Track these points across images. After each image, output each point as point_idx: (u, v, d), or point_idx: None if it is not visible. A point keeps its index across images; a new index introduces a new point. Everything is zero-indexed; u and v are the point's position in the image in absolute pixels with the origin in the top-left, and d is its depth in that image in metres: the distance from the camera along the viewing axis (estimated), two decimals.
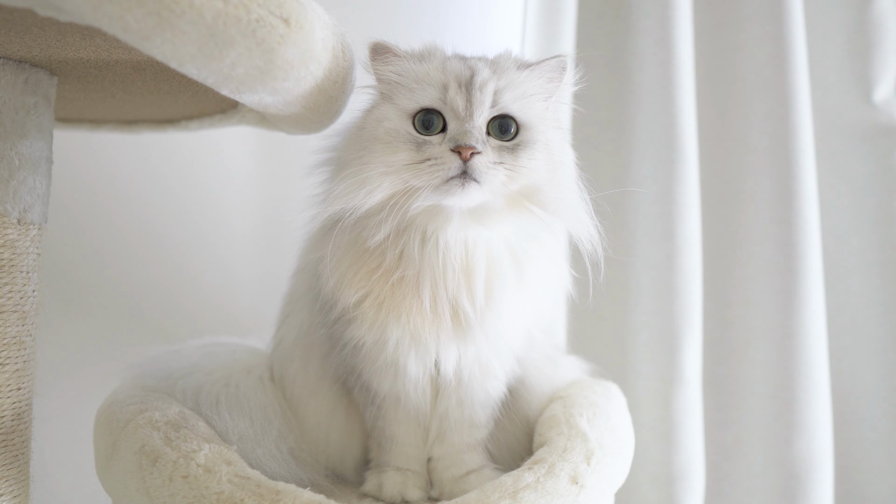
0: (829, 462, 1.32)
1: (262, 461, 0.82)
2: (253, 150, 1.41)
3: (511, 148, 0.76)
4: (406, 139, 0.76)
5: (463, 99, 0.76)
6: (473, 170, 0.73)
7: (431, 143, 0.75)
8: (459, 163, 0.73)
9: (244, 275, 1.41)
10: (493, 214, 0.77)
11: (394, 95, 0.79)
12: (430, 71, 0.78)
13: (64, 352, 1.28)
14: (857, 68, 1.36)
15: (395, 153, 0.75)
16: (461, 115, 0.75)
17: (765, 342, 1.34)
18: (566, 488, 0.77)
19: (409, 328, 0.79)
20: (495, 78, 0.77)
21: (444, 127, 0.76)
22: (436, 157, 0.74)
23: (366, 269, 0.79)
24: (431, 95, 0.77)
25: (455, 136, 0.74)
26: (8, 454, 0.82)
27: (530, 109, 0.79)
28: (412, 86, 0.78)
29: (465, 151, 0.73)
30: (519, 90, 0.78)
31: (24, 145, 0.81)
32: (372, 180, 0.75)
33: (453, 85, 0.76)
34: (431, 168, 0.74)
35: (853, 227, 1.38)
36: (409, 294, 0.79)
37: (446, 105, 0.76)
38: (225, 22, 0.57)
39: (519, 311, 0.82)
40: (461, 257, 0.78)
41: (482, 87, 0.76)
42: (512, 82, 0.78)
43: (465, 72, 0.77)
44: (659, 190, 1.34)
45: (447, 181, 0.73)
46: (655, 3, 1.34)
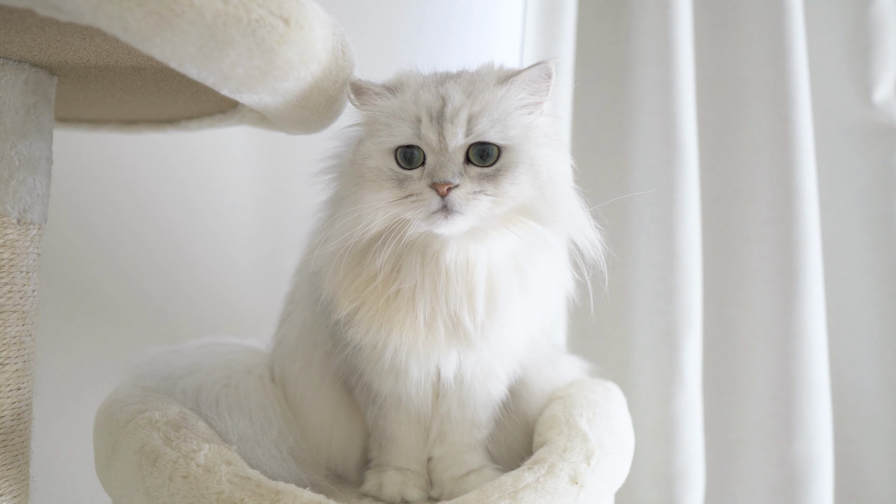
0: (829, 462, 1.32)
1: (262, 461, 0.82)
2: (253, 150, 1.41)
3: (492, 174, 0.75)
4: (389, 176, 0.76)
5: (435, 133, 0.75)
6: (452, 203, 0.73)
7: (412, 179, 0.75)
8: (438, 198, 0.73)
9: (244, 275, 1.41)
10: (489, 232, 0.77)
11: (375, 132, 0.78)
12: (403, 104, 0.77)
13: (64, 352, 1.28)
14: (857, 68, 1.36)
15: (380, 191, 0.76)
16: (436, 149, 0.75)
17: (765, 342, 1.34)
18: (566, 488, 0.77)
19: (403, 341, 0.79)
20: (469, 103, 0.75)
21: (424, 159, 0.76)
22: (417, 193, 0.74)
23: (360, 280, 0.79)
24: (406, 132, 0.76)
25: (432, 172, 0.74)
26: (8, 454, 0.82)
27: (512, 129, 0.76)
28: (389, 122, 0.77)
29: (440, 188, 0.73)
30: (498, 110, 0.76)
31: (24, 145, 0.81)
32: (365, 217, 0.76)
33: (425, 118, 0.75)
34: (414, 204, 0.74)
35: (853, 227, 1.38)
36: (403, 308, 0.78)
37: (421, 139, 0.75)
38: (225, 22, 0.57)
39: (523, 319, 0.82)
40: (463, 274, 0.78)
41: (453, 117, 0.74)
42: (489, 104, 0.76)
43: (436, 103, 0.75)
44: (659, 190, 1.34)
45: (431, 214, 0.73)
46: (655, 3, 1.34)
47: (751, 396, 1.35)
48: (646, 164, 1.36)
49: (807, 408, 1.31)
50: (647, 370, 1.36)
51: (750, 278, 1.36)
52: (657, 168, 1.34)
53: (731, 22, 1.38)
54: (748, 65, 1.36)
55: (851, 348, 1.38)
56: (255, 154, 1.41)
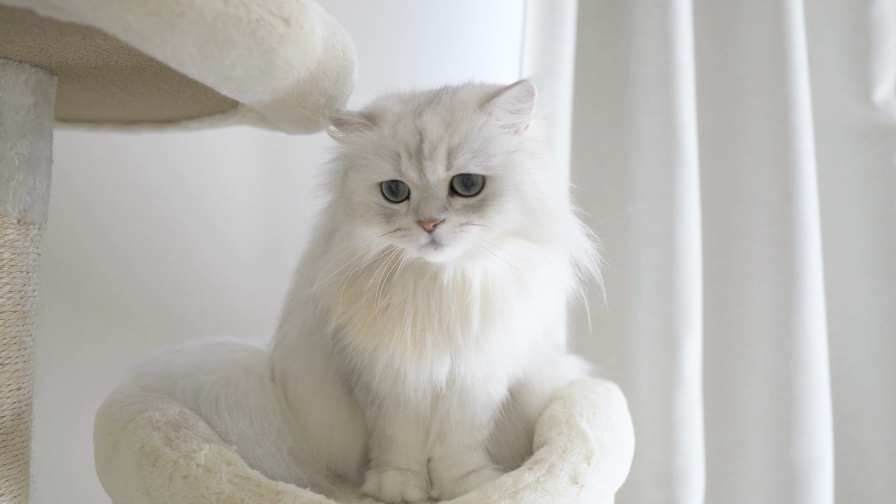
0: (829, 462, 1.32)
1: (262, 461, 0.82)
2: (253, 150, 1.41)
3: (476, 205, 0.74)
4: (376, 211, 0.76)
5: (415, 170, 0.74)
6: (440, 238, 0.73)
7: (399, 214, 0.75)
8: (426, 234, 0.73)
9: (244, 275, 1.41)
10: (483, 253, 0.76)
11: (358, 166, 0.78)
12: (382, 140, 0.76)
13: (64, 352, 1.28)
14: (857, 68, 1.36)
15: (370, 226, 0.76)
16: (417, 185, 0.74)
17: (765, 342, 1.34)
18: (566, 488, 0.77)
19: (392, 352, 0.79)
20: (447, 135, 0.73)
21: (409, 192, 0.75)
22: (405, 228, 0.74)
23: (352, 291, 0.79)
24: (386, 169, 0.75)
25: (416, 208, 0.73)
26: (8, 454, 0.82)
27: (494, 157, 0.74)
28: (370, 157, 0.76)
29: (426, 225, 0.73)
30: (479, 139, 0.74)
31: (24, 145, 0.81)
32: (359, 249, 0.78)
33: (404, 155, 0.74)
34: (404, 238, 0.74)
35: (853, 227, 1.38)
36: (391, 323, 0.78)
37: (402, 175, 0.75)
38: (225, 22, 0.57)
39: (524, 326, 0.82)
40: (459, 292, 0.78)
41: (432, 153, 0.73)
42: (468, 134, 0.74)
43: (413, 139, 0.74)
44: (659, 190, 1.34)
45: (422, 248, 0.74)
46: (655, 3, 1.34)
47: (751, 396, 1.35)
48: (646, 164, 1.35)
49: (807, 408, 1.31)
50: (647, 370, 1.36)
51: (750, 278, 1.36)
52: (657, 168, 1.34)
53: (731, 22, 1.38)
54: (748, 65, 1.36)
55: (851, 348, 1.38)
56: (255, 154, 1.41)
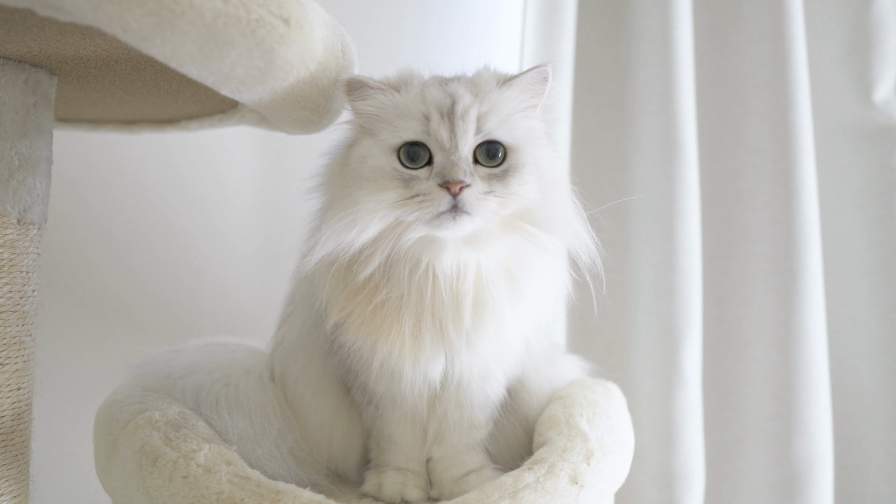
0: (829, 462, 1.32)
1: (262, 461, 0.82)
2: (253, 151, 1.41)
3: (500, 175, 0.74)
4: (392, 176, 0.74)
5: (447, 130, 0.73)
6: (464, 203, 0.71)
7: (419, 179, 0.73)
8: (449, 198, 0.71)
9: (244, 275, 1.41)
10: (488, 238, 0.76)
11: (375, 130, 0.76)
12: (409, 102, 0.75)
13: (64, 352, 1.28)
14: (857, 68, 1.36)
15: (383, 191, 0.73)
16: (446, 147, 0.73)
17: (765, 342, 1.34)
18: (566, 488, 0.77)
19: (390, 349, 0.79)
20: (477, 102, 0.74)
21: (430, 159, 0.74)
22: (424, 192, 0.72)
23: (350, 289, 0.79)
24: (414, 128, 0.74)
25: (442, 171, 0.72)
26: (8, 454, 0.82)
27: (517, 130, 0.76)
28: (393, 119, 0.75)
29: (453, 187, 0.71)
30: (503, 111, 0.76)
31: (24, 145, 0.81)
32: (361, 219, 0.73)
33: (435, 115, 0.74)
34: (421, 204, 0.72)
35: (853, 227, 1.38)
36: (390, 318, 0.78)
37: (430, 137, 0.74)
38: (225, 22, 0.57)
39: (516, 324, 0.81)
40: (452, 283, 0.77)
41: (464, 114, 0.73)
42: (495, 104, 0.75)
43: (446, 100, 0.74)
44: (659, 190, 1.34)
45: (438, 216, 0.72)
46: (655, 3, 1.34)
47: (751, 396, 1.35)
48: (646, 164, 1.35)
49: (807, 408, 1.31)
50: (647, 370, 1.36)
51: (750, 278, 1.36)
52: (657, 168, 1.34)
53: (731, 22, 1.38)
54: (748, 65, 1.36)
55: (851, 348, 1.38)
56: (255, 154, 1.42)
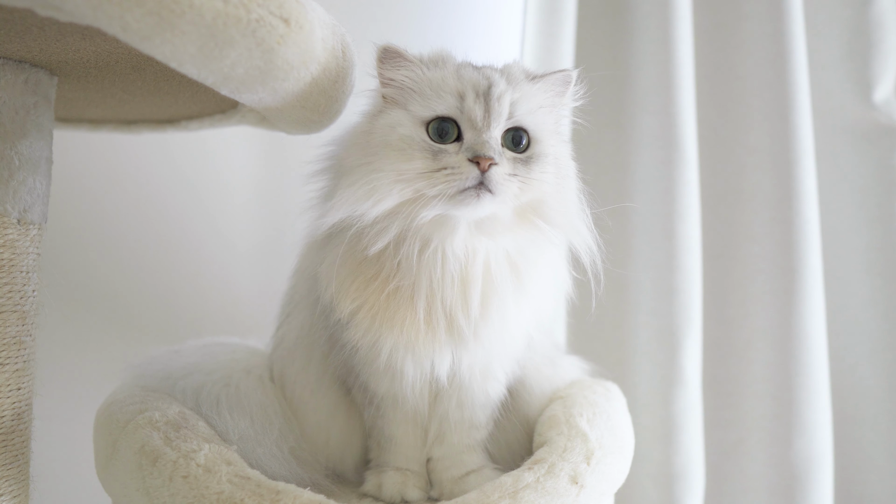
0: (829, 462, 1.32)
1: (263, 461, 0.82)
2: (253, 150, 1.41)
3: (524, 160, 0.77)
4: (421, 147, 0.75)
5: (481, 109, 0.75)
6: (490, 180, 0.73)
7: (447, 152, 0.74)
8: (477, 173, 0.72)
9: (244, 275, 1.41)
10: (498, 226, 0.77)
11: (406, 101, 0.78)
12: (445, 78, 0.77)
13: (64, 352, 1.28)
14: (857, 68, 1.36)
15: (410, 161, 0.74)
16: (479, 126, 0.75)
17: (765, 342, 1.34)
18: (566, 488, 0.77)
19: (403, 338, 0.79)
20: (510, 89, 0.77)
21: (458, 136, 0.75)
22: (453, 166, 0.73)
23: (362, 278, 0.79)
24: (448, 103, 0.76)
25: (473, 146, 0.73)
26: (8, 454, 0.82)
27: (541, 122, 0.79)
28: (427, 92, 0.77)
29: (483, 162, 0.72)
30: (531, 103, 0.79)
31: (24, 145, 0.81)
32: (382, 188, 0.74)
33: (471, 94, 0.76)
34: (448, 177, 0.73)
35: (853, 227, 1.38)
36: (404, 305, 0.78)
37: (463, 114, 0.75)
38: (225, 22, 0.57)
39: (518, 318, 0.82)
40: (460, 268, 0.78)
41: (500, 97, 0.76)
42: (524, 95, 0.78)
43: (483, 81, 0.77)
44: (659, 190, 1.34)
45: (462, 191, 0.73)
46: (655, 3, 1.34)
47: (751, 396, 1.35)
48: (646, 164, 1.36)
49: (807, 408, 1.31)
50: (647, 370, 1.36)
51: (750, 278, 1.36)
52: (657, 168, 1.34)
53: (731, 22, 1.38)
54: (748, 65, 1.36)
55: (851, 348, 1.38)
56: (254, 154, 1.42)
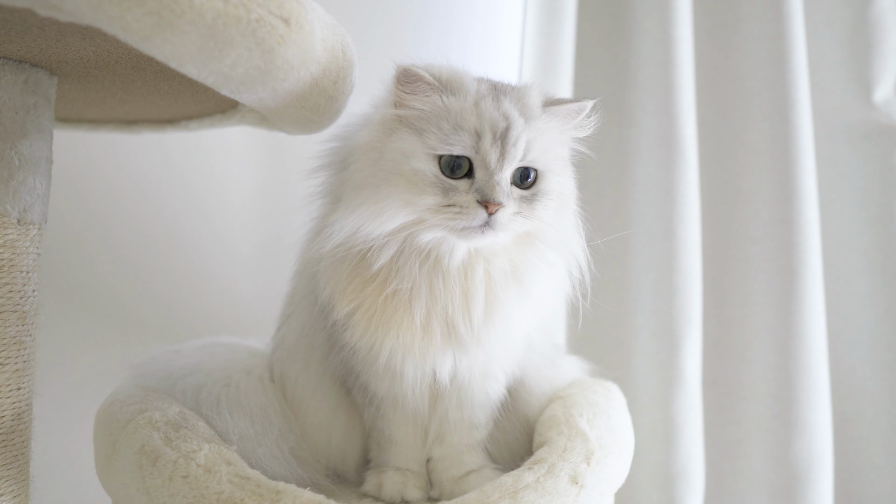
0: (829, 462, 1.32)
1: (263, 461, 0.82)
2: (253, 151, 1.41)
3: (529, 197, 0.77)
4: (433, 183, 0.74)
5: (497, 152, 0.74)
6: (496, 222, 0.74)
7: (458, 190, 0.74)
8: (485, 215, 0.73)
9: (244, 275, 1.41)
10: (497, 248, 0.79)
11: (423, 130, 0.75)
12: (463, 112, 0.75)
13: (64, 352, 1.28)
14: (857, 68, 1.36)
15: (421, 196, 0.74)
16: (491, 168, 0.74)
17: (765, 342, 1.34)
18: (566, 488, 0.77)
19: (400, 342, 0.79)
20: (527, 129, 0.76)
21: (469, 171, 0.75)
22: (462, 205, 0.73)
23: (359, 280, 0.79)
24: (465, 143, 0.74)
25: (483, 189, 0.73)
26: (8, 454, 0.82)
27: (550, 155, 0.79)
28: (444, 126, 0.75)
29: (491, 207, 0.73)
30: (544, 139, 0.78)
31: (24, 145, 0.81)
32: (388, 211, 0.75)
33: (488, 136, 0.74)
34: (457, 215, 0.73)
35: (853, 227, 1.38)
36: (401, 309, 0.78)
37: (478, 154, 0.75)
38: (225, 22, 0.57)
39: (521, 323, 0.83)
40: (461, 279, 0.78)
41: (516, 141, 0.75)
42: (539, 131, 0.77)
43: (501, 122, 0.75)
44: (659, 190, 1.34)
45: (468, 228, 0.74)
46: (655, 3, 1.34)
47: (751, 396, 1.35)
48: (646, 164, 1.36)
49: (807, 408, 1.31)
50: (647, 370, 1.36)
51: (750, 278, 1.36)
52: (657, 168, 1.34)
53: (731, 22, 1.38)
54: (748, 65, 1.36)
55: (851, 348, 1.38)
56: (254, 155, 1.42)
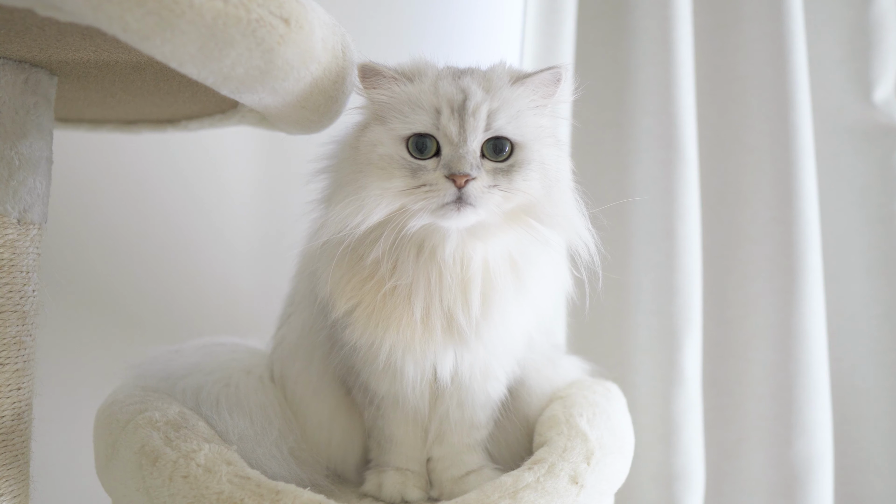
0: (829, 462, 1.32)
1: (263, 461, 0.82)
2: (253, 151, 1.41)
3: (505, 169, 0.76)
4: (401, 165, 0.75)
5: (456, 125, 0.75)
6: (468, 196, 0.73)
7: (426, 169, 0.75)
8: (454, 190, 0.73)
9: (244, 275, 1.41)
10: (490, 229, 0.78)
11: (386, 118, 0.77)
12: (421, 94, 0.77)
13: (64, 352, 1.28)
14: (857, 68, 1.36)
15: (391, 179, 0.75)
16: (455, 141, 0.75)
17: (765, 342, 1.34)
18: (566, 488, 0.77)
19: (400, 339, 0.79)
20: (489, 99, 0.76)
21: (437, 150, 0.76)
22: (431, 183, 0.74)
23: (358, 278, 0.79)
24: (424, 121, 0.75)
25: (449, 163, 0.73)
26: (8, 454, 0.82)
27: (525, 127, 0.78)
28: (404, 109, 0.76)
29: (459, 179, 0.73)
30: (513, 108, 0.77)
31: (24, 145, 0.81)
32: (368, 204, 0.75)
33: (446, 110, 0.75)
34: (427, 194, 0.73)
35: (853, 227, 1.38)
36: (400, 305, 0.78)
37: (439, 130, 0.75)
38: (225, 22, 0.57)
39: (519, 317, 0.82)
40: (458, 270, 0.78)
41: (475, 111, 0.75)
42: (506, 101, 0.77)
43: (458, 95, 0.76)
44: (659, 190, 1.34)
45: (443, 206, 0.73)
46: (655, 3, 1.34)
47: (751, 396, 1.35)
48: (646, 164, 1.35)
49: (807, 408, 1.31)
50: (647, 370, 1.35)
51: (750, 278, 1.36)
52: (657, 168, 1.34)
53: (731, 22, 1.38)
54: (748, 65, 1.36)
55: (851, 348, 1.38)
56: (254, 155, 1.42)
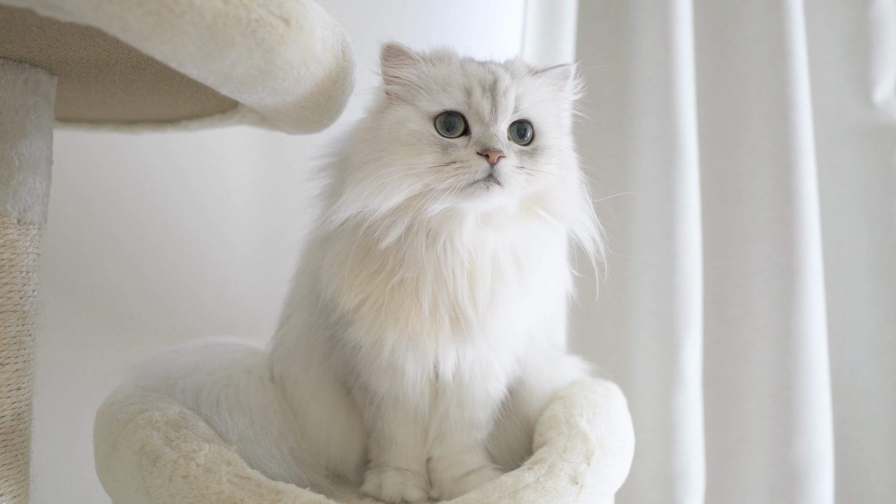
0: (829, 462, 1.32)
1: (262, 461, 0.82)
2: (253, 151, 1.41)
3: (529, 152, 0.78)
4: (431, 141, 0.75)
5: (488, 103, 0.76)
6: (499, 173, 0.74)
7: (457, 146, 0.75)
8: (487, 166, 0.73)
9: (244, 275, 1.41)
10: (505, 218, 0.78)
11: (413, 98, 0.78)
12: (450, 74, 0.78)
13: (64, 352, 1.28)
14: (857, 68, 1.36)
15: (420, 155, 0.75)
16: (486, 120, 0.76)
17: (765, 342, 1.34)
18: (566, 488, 0.77)
19: (407, 332, 0.79)
20: (515, 84, 0.78)
21: (465, 130, 0.76)
22: (462, 159, 0.74)
23: (366, 272, 0.79)
24: (456, 98, 0.76)
25: (482, 140, 0.74)
26: (8, 454, 0.82)
27: (544, 115, 0.81)
28: (433, 88, 0.78)
29: (493, 155, 0.73)
30: (534, 96, 0.80)
31: (24, 145, 0.81)
32: (392, 182, 0.75)
33: (477, 89, 0.77)
34: (458, 171, 0.74)
35: (853, 227, 1.38)
36: (408, 298, 0.79)
37: (471, 109, 0.76)
38: (225, 22, 0.57)
39: (521, 314, 0.83)
40: (467, 260, 0.78)
41: (506, 92, 0.77)
42: (528, 89, 0.80)
43: (488, 76, 0.78)
44: (659, 190, 1.34)
45: (472, 184, 0.73)
46: (655, 3, 1.34)
47: (751, 396, 1.35)
48: (646, 164, 1.36)
49: (807, 408, 1.31)
50: (647, 370, 1.36)
51: (750, 278, 1.36)
52: (657, 168, 1.34)
53: (731, 22, 1.38)
54: (748, 65, 1.36)
55: (851, 348, 1.38)
56: (254, 155, 1.41)
